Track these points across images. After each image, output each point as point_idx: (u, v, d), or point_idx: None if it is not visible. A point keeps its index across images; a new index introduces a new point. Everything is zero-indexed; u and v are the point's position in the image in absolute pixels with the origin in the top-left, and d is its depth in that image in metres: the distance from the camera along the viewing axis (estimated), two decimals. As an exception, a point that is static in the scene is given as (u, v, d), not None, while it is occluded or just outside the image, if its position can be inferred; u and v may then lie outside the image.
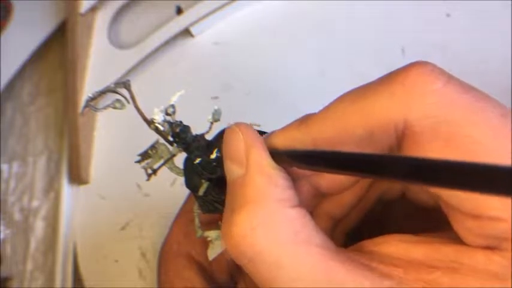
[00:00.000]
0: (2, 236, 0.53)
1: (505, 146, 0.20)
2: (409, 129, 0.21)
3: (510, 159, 0.19)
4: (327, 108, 0.23)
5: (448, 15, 0.47)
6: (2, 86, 0.56)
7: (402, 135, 0.21)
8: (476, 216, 0.20)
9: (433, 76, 0.21)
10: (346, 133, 0.22)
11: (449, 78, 0.21)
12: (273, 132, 0.25)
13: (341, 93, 0.24)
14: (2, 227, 0.53)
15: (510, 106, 0.41)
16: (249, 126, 0.25)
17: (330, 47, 0.49)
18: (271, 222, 0.22)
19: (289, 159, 0.23)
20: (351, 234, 0.30)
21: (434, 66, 0.21)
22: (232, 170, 0.24)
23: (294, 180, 0.26)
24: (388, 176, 0.19)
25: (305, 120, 0.24)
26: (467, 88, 0.21)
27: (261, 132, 0.29)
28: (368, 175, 0.20)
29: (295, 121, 0.25)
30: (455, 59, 0.46)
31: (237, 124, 0.25)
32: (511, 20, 0.44)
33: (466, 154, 0.20)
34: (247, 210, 0.22)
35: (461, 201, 0.20)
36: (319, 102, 0.24)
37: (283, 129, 0.25)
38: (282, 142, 0.25)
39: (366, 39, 0.49)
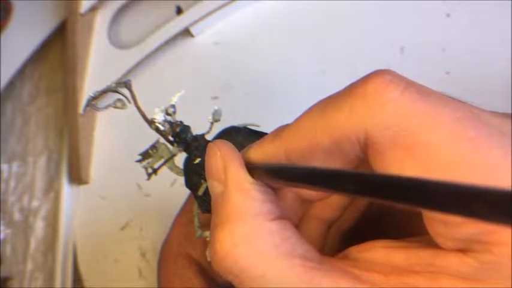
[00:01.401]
0: (2, 236, 0.53)
1: (460, 151, 0.20)
2: (370, 139, 0.21)
3: (465, 164, 0.19)
4: (297, 121, 0.24)
5: (448, 15, 0.47)
6: (2, 86, 0.56)
7: (365, 145, 0.22)
8: (444, 221, 0.20)
9: (391, 86, 0.21)
10: (315, 145, 0.23)
11: (407, 86, 0.21)
12: (250, 147, 0.26)
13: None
14: (2, 227, 0.53)
15: (510, 106, 0.41)
16: (227, 143, 0.26)
17: (330, 47, 0.50)
18: (252, 238, 0.22)
19: (265, 174, 0.24)
20: (348, 235, 0.30)
21: (392, 74, 0.22)
22: (213, 187, 0.25)
23: (279, 190, 0.26)
24: (343, 191, 0.19)
25: (278, 133, 0.24)
26: (425, 94, 0.21)
27: (261, 133, 0.29)
28: (326, 190, 0.20)
29: (270, 134, 0.25)
30: (455, 59, 0.46)
31: (215, 142, 0.26)
32: (511, 20, 0.44)
33: (425, 161, 0.20)
34: (228, 227, 0.23)
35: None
36: (319, 103, 0.24)
37: (260, 142, 0.25)
38: (258, 156, 0.25)
39: (366, 39, 0.49)
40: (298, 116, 0.24)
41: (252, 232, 0.22)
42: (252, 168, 0.24)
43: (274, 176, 0.23)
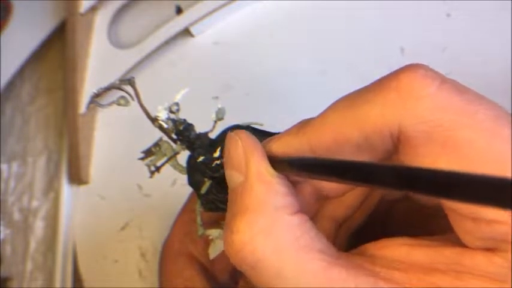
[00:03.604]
0: (2, 236, 0.53)
1: (498, 148, 0.20)
2: (404, 134, 0.21)
3: (503, 162, 0.19)
4: (323, 114, 0.24)
5: (448, 15, 0.47)
6: (2, 86, 0.56)
7: (398, 140, 0.22)
8: (475, 219, 0.20)
9: (426, 80, 0.21)
10: (343, 139, 0.23)
11: (443, 81, 0.21)
12: (272, 139, 0.25)
13: (341, 94, 0.24)
14: (2, 227, 0.53)
15: (510, 106, 0.41)
16: (249, 134, 0.25)
17: (330, 47, 0.50)
18: (271, 230, 0.22)
19: (288, 166, 0.23)
20: (355, 235, 0.30)
21: (427, 69, 0.21)
22: (233, 177, 0.24)
23: (296, 184, 0.26)
24: (379, 184, 0.19)
25: (303, 126, 0.24)
26: (461, 90, 0.21)
27: (265, 132, 0.29)
28: (358, 183, 0.20)
29: (294, 127, 0.25)
30: (455, 59, 0.46)
31: (237, 132, 0.25)
32: (511, 20, 0.44)
33: (460, 158, 0.20)
34: (247, 218, 0.23)
35: (458, 203, 0.20)
36: (320, 102, 0.24)
37: (282, 135, 0.25)
38: (280, 149, 0.25)
39: (366, 39, 0.49)
40: (324, 110, 0.24)
41: (272, 224, 0.22)
42: (273, 161, 0.24)
43: (300, 169, 0.23)
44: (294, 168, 0.23)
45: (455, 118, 0.20)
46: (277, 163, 0.24)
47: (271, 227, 0.22)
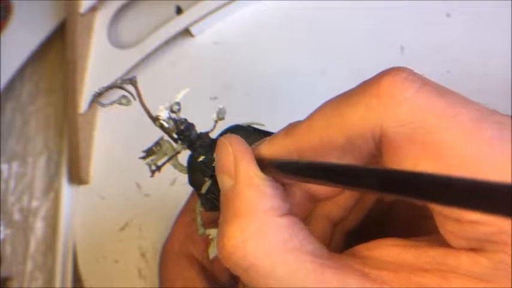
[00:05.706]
0: (2, 236, 0.53)
1: (477, 151, 0.20)
2: (385, 136, 0.21)
3: (481, 164, 0.19)
4: (310, 118, 0.24)
5: (448, 15, 0.47)
6: (2, 86, 0.56)
7: (380, 142, 0.22)
8: (458, 220, 0.20)
9: (406, 83, 0.21)
10: (328, 142, 0.23)
11: (423, 83, 0.21)
12: (262, 142, 0.26)
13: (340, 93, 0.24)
14: (2, 227, 0.53)
15: (510, 106, 0.41)
16: (238, 138, 0.26)
17: (330, 47, 0.50)
18: (261, 233, 0.22)
19: (276, 170, 0.24)
20: (352, 235, 0.30)
21: (408, 72, 0.22)
22: (223, 181, 0.25)
23: (289, 186, 0.26)
24: (360, 187, 0.19)
25: (290, 129, 0.24)
26: (442, 92, 0.21)
27: (265, 132, 0.29)
28: (340, 185, 0.20)
29: (282, 130, 0.25)
30: (455, 59, 0.46)
31: (226, 137, 0.26)
32: (511, 20, 0.45)
33: (440, 160, 0.20)
34: (238, 222, 0.23)
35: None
36: (319, 102, 0.24)
37: (271, 138, 0.25)
38: (269, 152, 0.25)
39: (366, 39, 0.49)
40: (310, 113, 0.24)
41: (262, 228, 0.22)
42: (263, 164, 0.24)
43: (287, 172, 0.23)
44: (281, 171, 0.23)
45: (435, 120, 0.20)
46: (267, 166, 0.24)
47: (262, 230, 0.22)
